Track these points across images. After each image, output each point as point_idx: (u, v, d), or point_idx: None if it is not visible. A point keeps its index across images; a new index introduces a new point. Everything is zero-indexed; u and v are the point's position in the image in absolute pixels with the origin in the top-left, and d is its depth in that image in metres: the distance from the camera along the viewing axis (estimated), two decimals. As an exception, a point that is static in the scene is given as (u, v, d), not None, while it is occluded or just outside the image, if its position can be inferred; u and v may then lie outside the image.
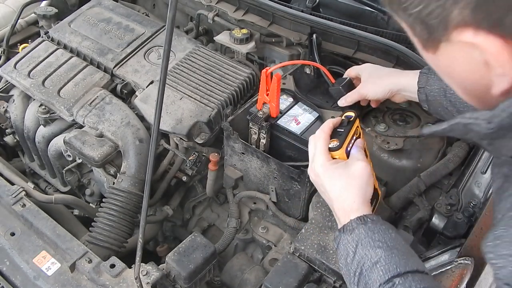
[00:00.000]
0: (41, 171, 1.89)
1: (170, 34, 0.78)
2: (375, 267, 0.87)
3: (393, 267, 0.86)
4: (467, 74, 0.65)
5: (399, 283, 0.84)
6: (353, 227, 0.92)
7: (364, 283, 0.88)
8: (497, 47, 0.57)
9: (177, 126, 1.49)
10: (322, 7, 1.75)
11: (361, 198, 0.97)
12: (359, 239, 0.90)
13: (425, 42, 0.65)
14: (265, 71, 1.28)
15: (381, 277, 0.86)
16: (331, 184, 1.00)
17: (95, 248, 1.33)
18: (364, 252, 0.89)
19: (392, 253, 0.87)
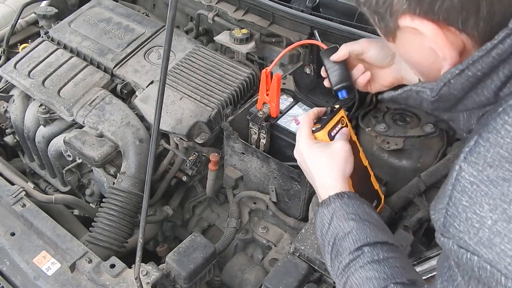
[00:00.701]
0: (41, 171, 1.89)
1: (170, 34, 0.78)
2: (347, 236, 0.92)
3: (363, 237, 0.91)
4: (422, 59, 0.73)
5: (368, 251, 0.89)
6: (330, 202, 0.97)
7: (336, 251, 0.93)
8: (432, 31, 0.64)
9: (177, 126, 1.49)
10: (322, 7, 1.75)
11: (340, 176, 1.00)
12: (334, 212, 0.95)
13: (384, 31, 0.73)
14: (265, 71, 1.28)
15: (351, 245, 0.91)
16: (312, 162, 1.04)
17: (95, 248, 1.33)
18: (338, 223, 0.94)
19: (364, 225, 0.92)
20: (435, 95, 0.70)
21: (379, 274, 0.87)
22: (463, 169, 0.63)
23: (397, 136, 1.36)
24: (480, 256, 0.59)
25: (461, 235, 0.61)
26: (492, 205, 0.58)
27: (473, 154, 0.62)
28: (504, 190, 0.58)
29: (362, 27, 1.56)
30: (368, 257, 0.89)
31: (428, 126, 1.37)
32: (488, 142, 0.61)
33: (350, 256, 0.90)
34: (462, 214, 0.61)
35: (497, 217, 0.58)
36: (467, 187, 0.61)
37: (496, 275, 0.57)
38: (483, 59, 0.62)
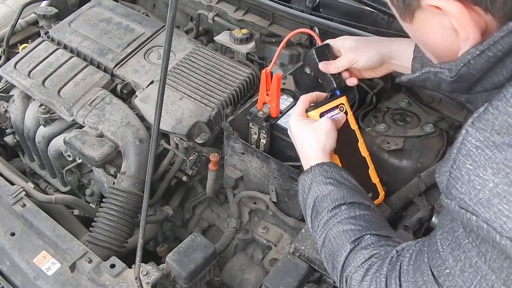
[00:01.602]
0: (41, 171, 1.89)
1: (170, 34, 0.78)
2: (326, 198, 0.99)
3: (340, 197, 0.98)
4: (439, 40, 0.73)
5: (345, 208, 0.96)
6: (310, 170, 1.05)
7: (315, 212, 1.00)
8: (458, 10, 0.64)
9: (177, 126, 1.49)
10: (322, 7, 1.75)
11: (320, 148, 1.07)
12: (314, 177, 1.02)
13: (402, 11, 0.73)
14: (265, 71, 1.28)
15: (329, 204, 0.98)
16: (299, 135, 1.12)
17: (95, 248, 1.33)
18: (317, 187, 1.01)
19: (341, 187, 1.00)
20: (454, 75, 0.70)
21: (355, 227, 0.94)
22: (470, 133, 0.64)
23: (397, 136, 1.36)
24: (478, 216, 0.61)
25: (462, 196, 0.64)
26: (495, 169, 0.60)
27: (481, 120, 0.64)
28: (508, 155, 0.59)
29: (362, 27, 1.56)
30: (345, 214, 0.96)
31: (428, 126, 1.37)
32: (497, 109, 0.62)
33: (328, 214, 0.97)
34: (465, 176, 0.63)
35: (499, 181, 0.60)
36: (472, 151, 0.63)
37: (492, 233, 0.60)
38: (504, 39, 0.62)
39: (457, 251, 0.70)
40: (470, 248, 0.67)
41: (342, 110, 1.20)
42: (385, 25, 1.68)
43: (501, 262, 0.63)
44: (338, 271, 0.94)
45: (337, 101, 1.20)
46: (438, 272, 0.73)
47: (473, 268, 0.67)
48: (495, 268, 0.64)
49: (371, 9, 1.65)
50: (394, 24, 1.65)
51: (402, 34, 1.54)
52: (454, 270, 0.70)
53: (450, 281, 0.71)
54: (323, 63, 1.20)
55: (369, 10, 1.68)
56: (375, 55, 1.15)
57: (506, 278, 0.63)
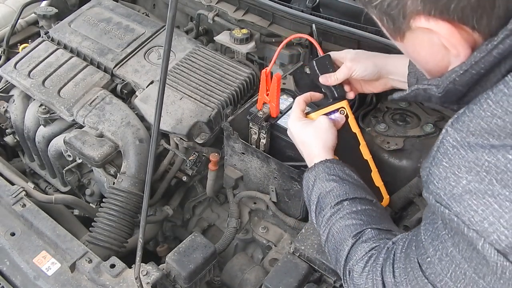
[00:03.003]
0: (41, 171, 1.89)
1: (170, 34, 0.78)
2: (329, 194, 1.02)
3: (343, 193, 1.01)
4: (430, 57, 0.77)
5: (347, 204, 1.00)
6: (314, 167, 1.08)
7: (319, 208, 1.04)
8: (447, 31, 0.67)
9: (177, 126, 1.49)
10: (322, 7, 1.75)
11: (322, 145, 1.11)
12: (317, 175, 1.06)
13: (392, 31, 0.76)
14: (265, 71, 1.29)
15: (332, 200, 1.01)
16: (299, 136, 1.16)
17: (95, 248, 1.33)
18: (321, 184, 1.04)
19: (344, 183, 1.03)
20: (442, 91, 0.73)
21: (357, 221, 0.97)
22: (448, 133, 0.70)
23: (397, 136, 1.36)
24: (451, 210, 0.67)
25: (438, 191, 0.70)
26: (468, 168, 0.66)
27: (459, 121, 0.69)
28: (478, 155, 0.65)
29: (362, 27, 1.56)
30: (347, 209, 0.99)
31: (428, 126, 1.37)
32: (472, 113, 0.67)
33: (331, 210, 1.01)
34: (442, 173, 0.69)
35: (471, 178, 0.65)
36: (449, 150, 0.69)
37: (461, 225, 0.66)
38: (485, 59, 0.66)
39: (436, 241, 0.75)
40: (447, 238, 0.72)
41: (342, 113, 1.23)
42: (385, 25, 1.68)
43: (470, 252, 0.68)
44: (341, 264, 0.97)
45: (338, 105, 1.23)
46: (421, 260, 0.78)
47: (449, 257, 0.72)
48: (466, 257, 0.69)
49: (371, 9, 1.64)
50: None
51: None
52: (433, 258, 0.75)
53: (431, 269, 0.76)
54: (324, 77, 1.24)
55: (369, 10, 1.68)
56: (371, 66, 1.20)
57: (475, 267, 0.68)
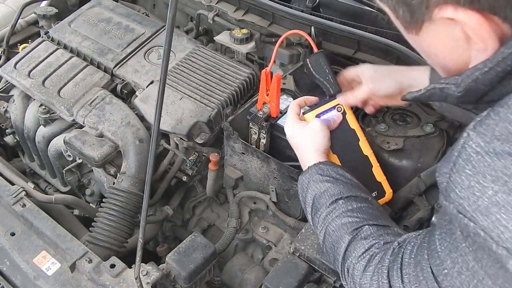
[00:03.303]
0: (41, 171, 1.89)
1: (170, 34, 0.78)
2: (323, 195, 1.02)
3: (337, 192, 1.00)
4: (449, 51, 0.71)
5: (342, 203, 0.99)
6: (307, 170, 1.08)
7: (315, 209, 1.03)
8: (477, 22, 0.62)
9: (177, 126, 1.49)
10: (322, 7, 1.75)
11: (315, 149, 1.10)
12: (311, 177, 1.05)
13: (407, 24, 0.72)
14: (265, 71, 1.29)
15: (327, 200, 1.00)
16: (295, 139, 1.16)
17: (95, 248, 1.33)
18: (315, 185, 1.04)
19: (338, 183, 1.02)
20: (462, 90, 0.69)
21: (353, 219, 0.96)
22: (471, 137, 0.64)
23: (397, 136, 1.36)
24: (476, 223, 0.61)
25: (461, 201, 0.64)
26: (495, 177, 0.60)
27: (482, 125, 0.64)
28: (507, 164, 0.59)
29: (362, 27, 1.56)
30: (342, 208, 0.98)
31: (428, 126, 1.37)
32: (498, 116, 0.63)
33: (326, 209, 1.00)
34: (464, 181, 0.63)
35: (498, 189, 0.60)
36: (472, 156, 0.63)
37: (489, 241, 0.60)
38: None
39: (454, 254, 0.70)
40: (467, 252, 0.67)
41: (340, 110, 1.21)
42: (385, 25, 1.68)
43: (496, 270, 0.63)
44: (339, 262, 0.96)
45: (334, 102, 1.22)
46: (437, 271, 0.74)
47: (470, 272, 0.68)
48: (491, 274, 0.64)
49: (371, 9, 1.65)
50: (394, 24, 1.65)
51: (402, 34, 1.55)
52: (452, 271, 0.71)
53: (448, 281, 0.72)
54: (343, 97, 1.20)
55: (369, 10, 1.68)
56: (394, 84, 1.16)
57: (502, 285, 0.64)
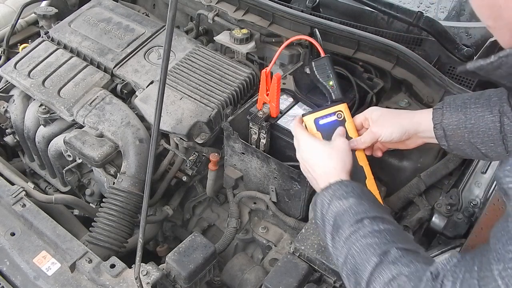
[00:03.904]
0: (41, 171, 1.89)
1: (170, 34, 0.78)
2: (347, 212, 0.95)
3: (362, 211, 0.94)
4: None
5: (368, 222, 0.91)
6: (330, 185, 1.02)
7: (336, 227, 0.95)
8: None
9: (177, 126, 1.49)
10: (322, 7, 1.75)
11: (340, 167, 1.06)
12: (334, 192, 0.99)
13: None
14: (265, 71, 1.29)
15: (351, 218, 0.93)
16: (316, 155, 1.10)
17: (95, 248, 1.33)
18: (338, 202, 0.97)
19: (363, 201, 0.96)
20: None
21: (380, 240, 0.87)
22: None
23: (397, 136, 1.36)
24: None
25: None
26: None
27: None
28: None
29: (362, 27, 1.56)
30: (368, 228, 0.90)
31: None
32: None
33: (350, 228, 0.92)
34: None
35: None
36: None
37: None
38: None
39: None
40: None
41: (339, 117, 1.18)
42: (385, 25, 1.68)
43: None
44: (361, 286, 0.87)
45: (335, 108, 1.19)
46: None
47: None
48: None
49: (371, 9, 1.65)
50: (394, 24, 1.65)
51: (402, 34, 1.55)
52: None
53: None
54: (351, 142, 1.16)
55: (369, 10, 1.68)
56: (398, 129, 1.12)
57: None
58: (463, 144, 1.05)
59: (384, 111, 1.17)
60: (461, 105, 1.04)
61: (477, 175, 1.31)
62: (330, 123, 1.18)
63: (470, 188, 1.31)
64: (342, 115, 1.18)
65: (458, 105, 1.05)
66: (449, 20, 1.64)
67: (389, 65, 1.52)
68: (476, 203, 1.28)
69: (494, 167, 1.29)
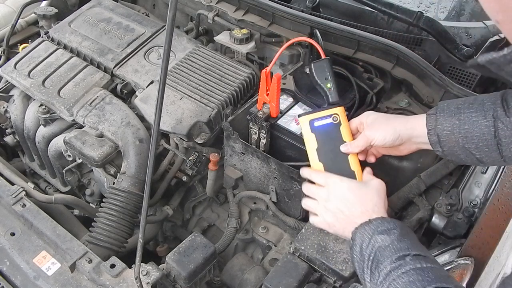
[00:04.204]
0: (41, 171, 1.89)
1: (170, 34, 0.78)
2: (388, 247, 0.94)
3: (405, 247, 0.93)
4: None
5: (410, 259, 0.90)
6: (371, 221, 1.01)
7: (376, 262, 0.94)
8: None
9: (177, 126, 1.49)
10: (322, 7, 1.75)
11: (382, 204, 1.07)
12: (376, 227, 0.99)
13: None
14: (265, 71, 1.29)
15: (393, 254, 0.92)
16: (354, 195, 1.08)
17: (95, 248, 1.33)
18: (379, 237, 0.96)
19: (405, 238, 0.95)
20: None
21: (423, 278, 0.86)
22: None
23: (397, 136, 1.36)
24: None
25: None
26: None
27: None
28: None
29: (362, 27, 1.56)
30: (410, 265, 0.89)
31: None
32: None
33: (391, 264, 0.91)
34: None
35: None
36: None
37: None
38: None
39: None
40: None
41: (335, 120, 1.18)
42: (385, 25, 1.68)
43: None
44: None
45: (331, 111, 1.19)
46: None
47: None
48: None
49: (371, 9, 1.65)
50: (394, 24, 1.65)
51: (402, 34, 1.55)
52: None
53: None
54: (344, 146, 1.17)
55: (369, 10, 1.68)
56: (391, 133, 1.12)
57: None
58: (457, 150, 1.05)
59: (379, 116, 1.17)
60: (455, 110, 1.04)
61: (477, 175, 1.31)
62: (325, 126, 1.18)
63: (470, 188, 1.31)
64: (338, 118, 1.18)
65: (451, 110, 1.04)
66: (449, 20, 1.64)
67: (389, 65, 1.52)
68: (476, 203, 1.28)
69: (494, 167, 1.29)
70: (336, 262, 1.16)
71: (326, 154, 1.17)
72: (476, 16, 1.65)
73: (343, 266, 1.15)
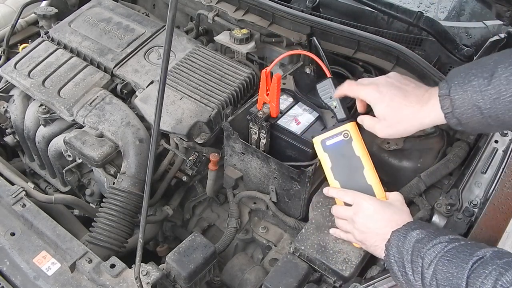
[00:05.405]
0: (41, 171, 1.89)
1: (170, 34, 0.78)
2: (425, 237, 1.00)
3: (441, 234, 0.99)
4: None
5: (447, 242, 0.96)
6: (401, 226, 1.07)
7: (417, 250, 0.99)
8: None
9: (177, 126, 1.49)
10: (322, 7, 1.75)
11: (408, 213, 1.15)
12: (408, 227, 1.05)
13: None
14: (265, 71, 1.29)
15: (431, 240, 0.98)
16: (384, 213, 1.13)
17: (95, 248, 1.33)
18: (414, 232, 1.02)
19: (438, 231, 1.02)
20: None
21: (467, 250, 0.92)
22: None
23: (397, 136, 1.36)
24: None
25: None
26: None
27: None
28: None
29: (362, 27, 1.56)
30: (451, 245, 0.96)
31: None
32: None
33: (432, 248, 0.97)
34: None
35: None
36: None
37: None
38: None
39: None
40: None
41: (346, 137, 1.21)
42: (385, 25, 1.68)
43: None
44: None
45: (341, 128, 1.22)
46: None
47: None
48: None
49: (371, 9, 1.65)
50: (394, 24, 1.65)
51: (402, 34, 1.55)
52: None
53: None
54: None
55: (369, 10, 1.68)
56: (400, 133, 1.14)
57: None
58: (482, 128, 1.03)
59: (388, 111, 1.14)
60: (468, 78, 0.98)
61: (477, 175, 1.31)
62: (337, 143, 1.21)
63: (470, 188, 1.31)
64: (349, 135, 1.21)
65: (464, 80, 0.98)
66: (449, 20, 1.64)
67: (389, 65, 1.52)
68: (476, 203, 1.28)
69: (494, 167, 1.29)
70: (336, 262, 1.16)
71: (341, 171, 1.21)
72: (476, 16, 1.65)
73: (343, 266, 1.15)
